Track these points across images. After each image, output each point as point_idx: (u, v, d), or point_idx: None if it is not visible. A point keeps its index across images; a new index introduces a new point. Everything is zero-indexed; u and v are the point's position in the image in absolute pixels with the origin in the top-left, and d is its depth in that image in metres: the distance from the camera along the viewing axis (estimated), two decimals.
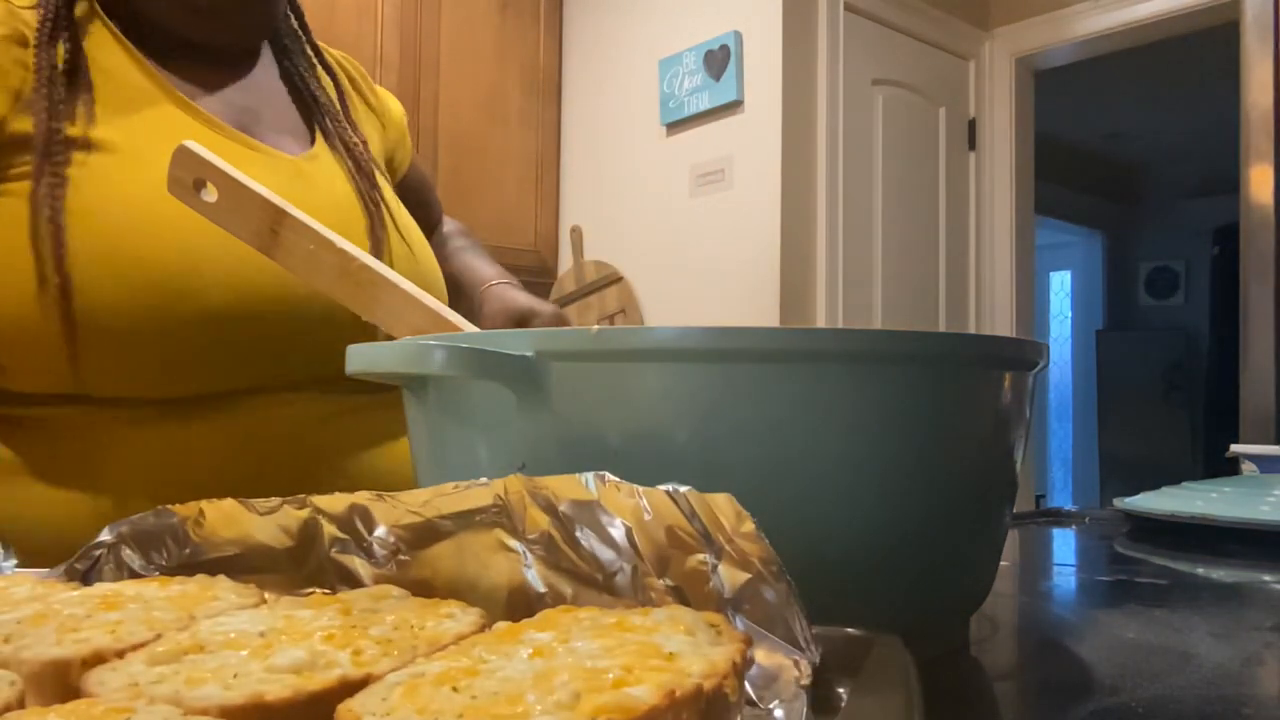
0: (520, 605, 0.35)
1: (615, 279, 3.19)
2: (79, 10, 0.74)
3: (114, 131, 0.69)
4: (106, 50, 0.73)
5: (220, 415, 0.69)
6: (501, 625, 0.31)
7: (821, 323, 2.85)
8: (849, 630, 0.31)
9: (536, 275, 3.27)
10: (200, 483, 0.65)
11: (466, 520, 0.36)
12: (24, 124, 0.68)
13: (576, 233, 3.31)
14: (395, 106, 1.01)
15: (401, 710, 0.24)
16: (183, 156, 0.55)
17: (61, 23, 0.71)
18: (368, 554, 0.38)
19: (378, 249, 0.79)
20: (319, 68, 0.90)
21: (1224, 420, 3.54)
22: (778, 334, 0.38)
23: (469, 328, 0.52)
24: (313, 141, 0.84)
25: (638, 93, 3.15)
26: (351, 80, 0.95)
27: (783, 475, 0.37)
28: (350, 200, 0.81)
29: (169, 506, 0.40)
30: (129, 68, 0.73)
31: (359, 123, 0.90)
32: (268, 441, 0.71)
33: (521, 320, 0.86)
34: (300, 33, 0.89)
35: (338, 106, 0.88)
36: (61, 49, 0.70)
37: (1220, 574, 0.70)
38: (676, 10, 3.11)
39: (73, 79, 0.70)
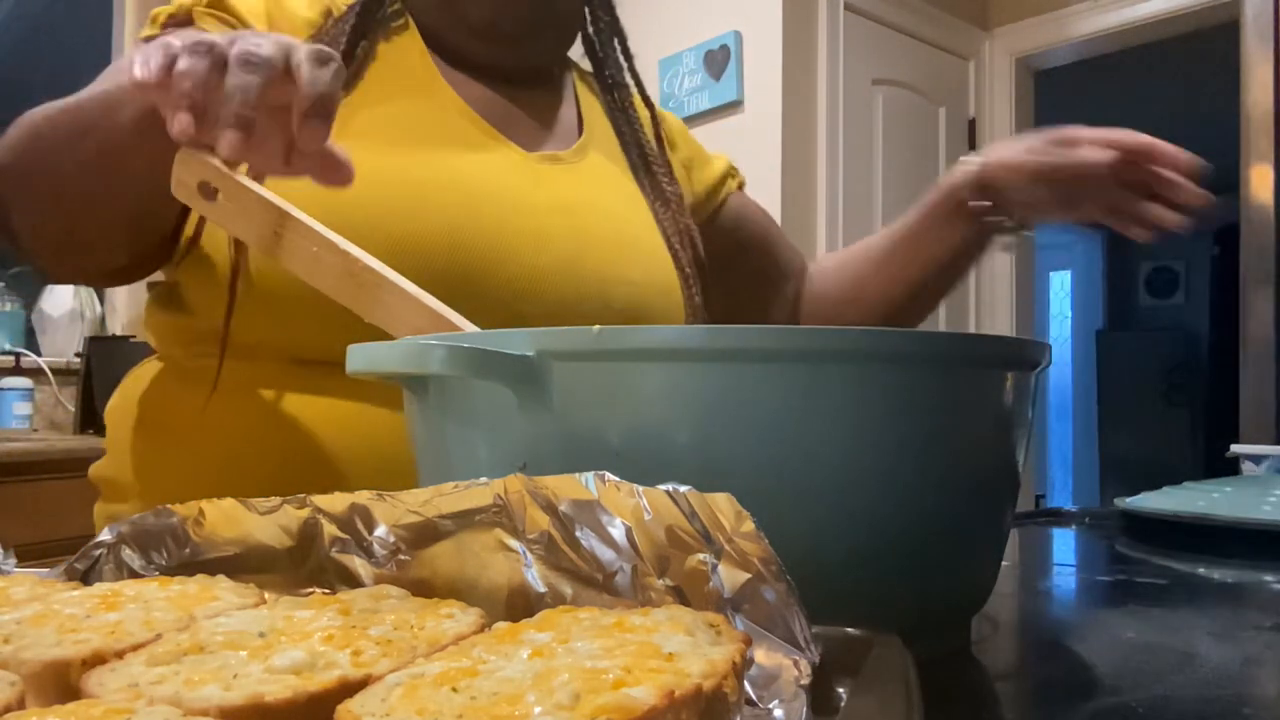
0: (520, 605, 0.35)
1: None
2: (394, 19, 0.78)
3: (359, 106, 0.71)
4: (402, 48, 0.77)
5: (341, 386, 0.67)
6: (501, 625, 0.31)
7: None
8: (849, 630, 0.31)
9: None
10: (307, 456, 0.65)
11: (466, 520, 0.36)
12: None
13: None
14: (719, 163, 0.98)
15: (401, 711, 0.24)
16: (185, 159, 0.55)
17: (364, 17, 0.75)
18: (368, 553, 0.38)
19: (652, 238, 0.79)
20: (636, 96, 0.89)
21: (1224, 420, 3.54)
22: (778, 334, 0.37)
23: (470, 327, 0.52)
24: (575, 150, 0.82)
25: None
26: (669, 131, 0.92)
27: (783, 475, 0.37)
28: (599, 203, 0.79)
29: (169, 506, 0.40)
30: (414, 59, 0.76)
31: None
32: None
33: None
34: (624, 61, 0.89)
35: (650, 134, 0.87)
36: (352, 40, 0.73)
37: (1220, 574, 0.70)
38: (676, 10, 3.11)
39: (346, 60, 0.72)
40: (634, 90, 0.89)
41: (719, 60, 2.96)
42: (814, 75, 2.96)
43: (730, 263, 0.93)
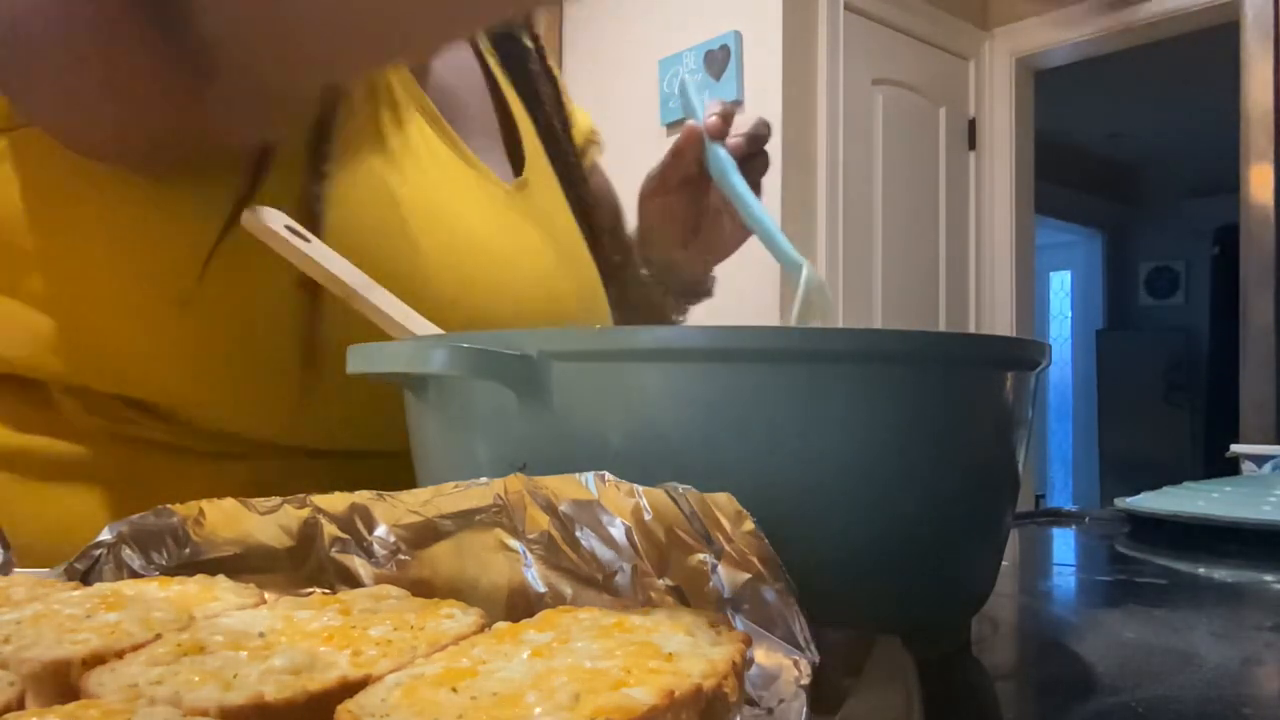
0: (520, 605, 0.35)
1: None
2: None
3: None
4: None
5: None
6: (501, 625, 0.31)
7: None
8: (849, 630, 0.31)
9: None
10: None
11: (466, 520, 0.36)
12: None
13: None
14: (584, 120, 0.91)
15: (401, 711, 0.24)
16: (250, 222, 0.49)
17: None
18: (368, 553, 0.38)
19: (601, 298, 0.73)
20: (543, 77, 0.81)
21: (1224, 420, 3.54)
22: (778, 334, 0.38)
23: None
24: (513, 160, 0.74)
25: (638, 93, 3.15)
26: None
27: (783, 475, 0.37)
28: (573, 239, 0.73)
29: (169, 506, 0.40)
30: None
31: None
32: None
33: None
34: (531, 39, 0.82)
35: (559, 125, 0.80)
36: None
37: (1220, 574, 0.70)
38: (676, 10, 3.11)
39: None
40: (534, 50, 0.82)
41: (719, 60, 2.96)
42: (814, 75, 2.96)
43: None
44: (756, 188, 0.70)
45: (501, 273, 0.64)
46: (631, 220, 0.85)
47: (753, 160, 0.71)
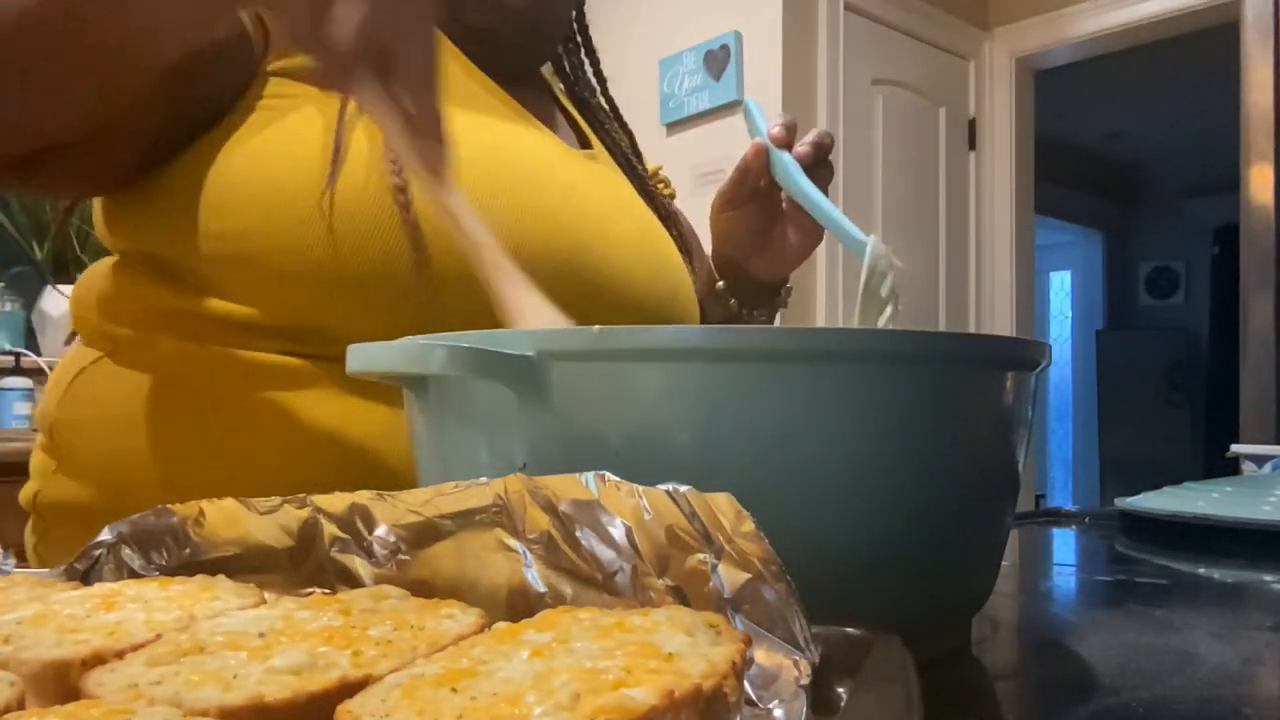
0: (520, 605, 0.35)
1: None
2: None
3: None
4: None
5: None
6: (501, 625, 0.31)
7: (821, 323, 2.85)
8: (849, 630, 0.31)
9: None
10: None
11: (467, 520, 0.36)
12: None
13: None
14: (653, 167, 1.01)
15: (401, 711, 0.24)
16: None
17: None
18: (368, 553, 0.38)
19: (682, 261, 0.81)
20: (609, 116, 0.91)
21: (1224, 420, 3.54)
22: (778, 334, 0.38)
23: None
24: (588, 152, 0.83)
25: (638, 93, 3.14)
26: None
27: (783, 475, 0.37)
28: (639, 207, 0.81)
29: (169, 506, 0.40)
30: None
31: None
32: None
33: None
34: (596, 84, 0.92)
35: (627, 147, 0.89)
36: None
37: (1220, 574, 0.70)
38: (676, 10, 3.11)
39: None
40: (607, 110, 0.92)
41: (719, 60, 2.96)
42: (814, 75, 2.96)
43: None
44: (824, 194, 0.74)
45: (585, 204, 0.71)
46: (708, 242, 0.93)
47: (818, 169, 0.75)
